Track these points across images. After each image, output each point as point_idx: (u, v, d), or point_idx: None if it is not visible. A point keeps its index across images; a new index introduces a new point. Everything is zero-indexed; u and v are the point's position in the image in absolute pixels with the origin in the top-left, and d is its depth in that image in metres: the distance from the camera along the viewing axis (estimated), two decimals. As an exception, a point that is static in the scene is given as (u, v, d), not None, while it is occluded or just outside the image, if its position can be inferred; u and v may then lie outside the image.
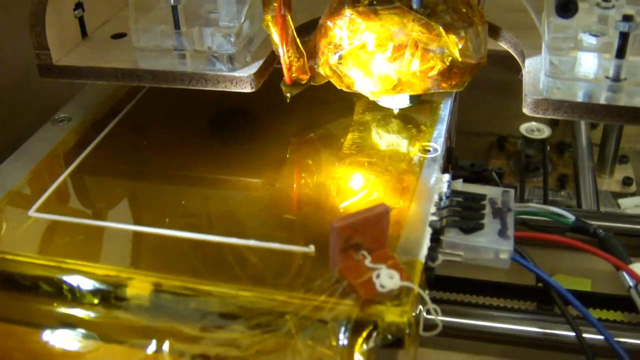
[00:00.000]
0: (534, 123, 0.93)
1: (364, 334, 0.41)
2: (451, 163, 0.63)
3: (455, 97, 0.64)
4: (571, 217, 0.55)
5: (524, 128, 0.93)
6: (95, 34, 0.64)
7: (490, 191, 0.51)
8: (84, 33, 0.63)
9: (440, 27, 0.53)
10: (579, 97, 0.51)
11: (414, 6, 0.54)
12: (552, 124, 0.95)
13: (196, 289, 0.45)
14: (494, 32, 0.62)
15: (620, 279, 0.50)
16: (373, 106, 0.62)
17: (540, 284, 0.57)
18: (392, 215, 0.46)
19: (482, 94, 0.67)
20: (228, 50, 0.55)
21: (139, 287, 0.46)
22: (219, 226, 0.51)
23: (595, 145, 0.95)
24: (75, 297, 0.47)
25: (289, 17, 0.53)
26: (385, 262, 0.43)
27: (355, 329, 0.41)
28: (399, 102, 0.61)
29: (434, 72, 0.55)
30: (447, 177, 0.53)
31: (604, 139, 0.95)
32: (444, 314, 0.47)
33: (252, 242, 0.48)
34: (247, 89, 0.55)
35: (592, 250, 0.50)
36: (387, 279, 0.42)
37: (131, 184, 0.57)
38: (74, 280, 0.47)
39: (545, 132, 0.93)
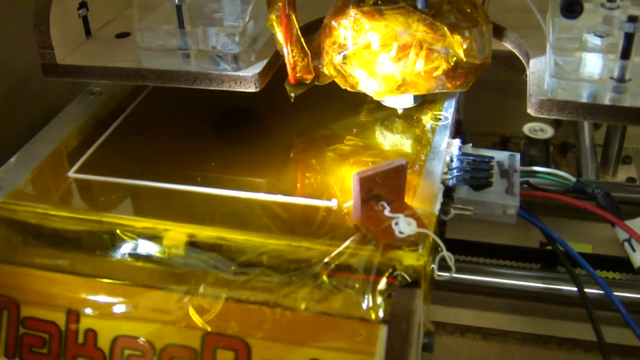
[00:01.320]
0: (537, 123, 0.93)
1: (385, 276, 0.45)
2: (460, 135, 0.65)
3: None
4: (572, 179, 0.58)
5: (527, 128, 0.93)
6: (99, 33, 0.64)
7: (498, 154, 0.56)
8: (88, 32, 0.63)
9: (445, 27, 0.53)
10: (584, 98, 0.51)
11: (419, 6, 0.54)
12: (555, 124, 0.95)
13: (228, 239, 0.49)
14: (499, 32, 0.62)
15: (618, 243, 0.54)
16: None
17: (546, 245, 0.60)
18: (408, 175, 0.49)
19: (485, 94, 0.68)
20: (232, 50, 0.55)
21: (174, 237, 0.50)
22: (248, 183, 0.55)
23: (599, 145, 0.95)
24: (115, 248, 0.51)
25: (293, 17, 0.53)
26: (403, 211, 0.47)
27: (376, 272, 0.45)
28: (403, 102, 0.61)
29: (439, 72, 0.55)
30: (457, 141, 0.57)
31: (607, 140, 0.95)
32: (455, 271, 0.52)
33: (279, 197, 0.53)
34: (252, 89, 0.55)
35: (590, 208, 0.54)
36: (405, 225, 0.46)
37: (163, 147, 0.61)
38: (113, 232, 0.51)
39: (549, 132, 0.92)
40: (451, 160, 0.55)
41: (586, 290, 0.53)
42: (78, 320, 0.51)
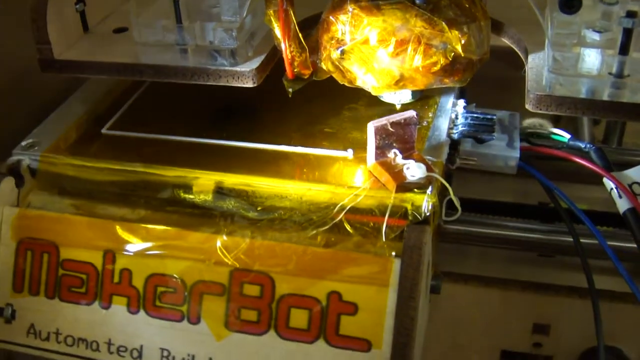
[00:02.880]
0: (536, 119, 0.93)
1: (397, 215, 0.50)
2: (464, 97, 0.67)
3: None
4: (567, 136, 0.62)
5: (526, 124, 0.93)
6: (96, 28, 0.64)
7: (499, 113, 0.62)
8: (85, 27, 0.63)
9: (443, 23, 0.53)
10: (582, 93, 0.51)
11: (417, 1, 0.54)
12: (555, 120, 0.95)
13: (253, 185, 0.54)
14: (497, 27, 0.62)
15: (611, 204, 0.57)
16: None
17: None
18: (417, 130, 0.54)
19: (484, 89, 0.68)
20: (230, 45, 0.55)
21: (204, 184, 0.55)
22: (271, 137, 0.59)
23: (598, 141, 0.95)
24: (149, 194, 0.56)
25: (291, 12, 0.53)
26: (414, 158, 0.52)
27: (389, 212, 0.50)
28: (401, 97, 0.61)
29: (437, 68, 0.54)
30: (462, 101, 0.61)
31: (607, 135, 0.95)
32: (459, 223, 0.62)
33: (299, 149, 0.58)
34: (249, 84, 0.55)
35: (582, 162, 0.57)
36: (416, 169, 0.50)
37: (189, 106, 0.64)
38: (147, 180, 0.56)
39: (548, 128, 0.92)
40: (456, 117, 0.60)
41: (581, 240, 0.58)
42: (114, 261, 0.55)
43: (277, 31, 0.54)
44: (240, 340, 0.52)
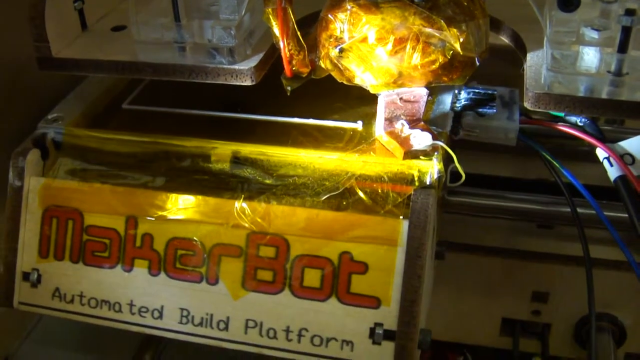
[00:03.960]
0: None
1: (405, 180, 0.54)
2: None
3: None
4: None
5: None
6: (95, 26, 0.64)
7: (500, 89, 0.66)
8: (83, 25, 0.63)
9: (442, 21, 0.53)
10: (581, 92, 0.51)
11: (415, -1, 0.54)
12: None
13: (268, 154, 0.57)
14: (496, 25, 0.62)
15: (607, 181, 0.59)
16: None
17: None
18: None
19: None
20: (228, 43, 0.55)
21: (221, 154, 0.58)
22: (284, 109, 0.62)
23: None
24: (170, 163, 0.59)
25: (289, 10, 0.53)
26: (420, 128, 0.55)
27: (397, 178, 0.54)
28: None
29: (435, 66, 0.54)
30: None
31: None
32: (462, 195, 0.67)
33: (311, 121, 0.61)
34: (248, 82, 0.55)
35: (576, 133, 0.59)
36: (422, 137, 0.54)
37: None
38: (168, 150, 0.59)
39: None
40: (459, 92, 0.64)
41: (578, 210, 0.61)
42: (136, 226, 0.58)
43: (276, 29, 0.54)
44: (256, 299, 0.55)
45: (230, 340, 0.56)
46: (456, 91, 0.63)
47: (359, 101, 0.62)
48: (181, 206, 0.57)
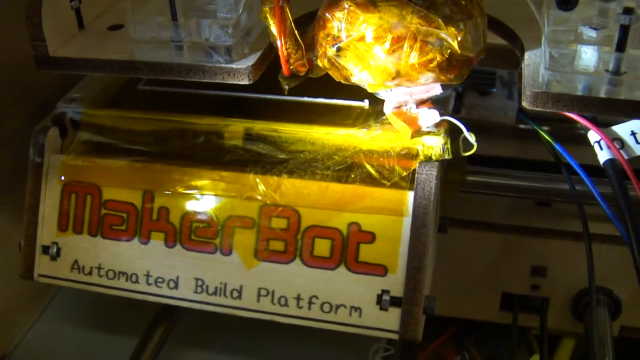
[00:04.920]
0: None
1: (411, 154, 0.57)
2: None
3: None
4: None
5: None
6: (92, 25, 0.64)
7: (499, 71, 0.69)
8: (80, 24, 0.63)
9: (440, 19, 0.53)
10: (579, 91, 0.51)
11: (413, -2, 0.54)
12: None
13: (279, 130, 0.60)
14: (494, 24, 0.62)
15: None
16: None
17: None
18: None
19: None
20: (225, 42, 0.55)
21: (234, 130, 0.61)
22: (295, 90, 0.61)
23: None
24: (184, 139, 0.62)
25: (287, 9, 0.53)
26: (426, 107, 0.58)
27: (404, 152, 0.57)
28: (397, 94, 0.61)
29: (433, 65, 0.54)
30: None
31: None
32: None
33: (320, 100, 0.63)
34: (245, 81, 0.55)
35: (570, 116, 0.58)
36: (429, 115, 0.57)
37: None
38: (182, 128, 0.62)
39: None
40: None
41: (576, 187, 0.63)
42: (152, 200, 0.60)
43: (273, 28, 0.54)
44: (268, 268, 0.58)
45: (243, 308, 0.58)
46: None
47: None
48: (196, 180, 0.59)
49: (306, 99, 0.64)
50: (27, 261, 0.63)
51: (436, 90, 0.57)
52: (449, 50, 0.54)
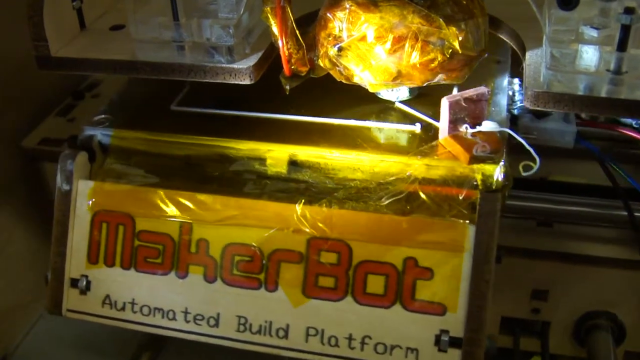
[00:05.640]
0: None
1: (471, 184, 0.53)
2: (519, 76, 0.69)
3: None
4: None
5: None
6: (93, 25, 0.64)
7: None
8: (82, 24, 0.63)
9: (441, 19, 0.53)
10: (580, 90, 0.51)
11: (414, -2, 0.54)
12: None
13: (326, 157, 0.56)
14: (495, 24, 0.62)
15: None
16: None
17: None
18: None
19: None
20: (227, 42, 0.55)
21: (277, 157, 0.57)
22: (341, 112, 0.61)
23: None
24: (224, 166, 0.58)
25: (288, 9, 0.53)
26: (483, 135, 0.55)
27: (462, 182, 0.53)
28: (398, 94, 0.61)
29: (434, 65, 0.54)
30: (517, 80, 0.65)
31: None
32: (514, 198, 0.65)
33: (368, 123, 0.59)
34: (246, 81, 0.55)
35: (632, 134, 0.62)
36: (484, 145, 0.53)
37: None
38: (222, 153, 0.58)
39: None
40: (514, 95, 0.64)
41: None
42: (191, 232, 0.56)
43: (274, 28, 0.54)
44: (317, 306, 0.54)
45: (290, 348, 0.55)
46: (510, 92, 0.63)
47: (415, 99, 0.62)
48: (237, 211, 0.55)
49: (353, 122, 0.59)
50: (54, 295, 0.59)
51: (482, 90, 0.55)
52: (450, 50, 0.54)
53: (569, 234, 0.68)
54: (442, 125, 0.55)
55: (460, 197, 0.53)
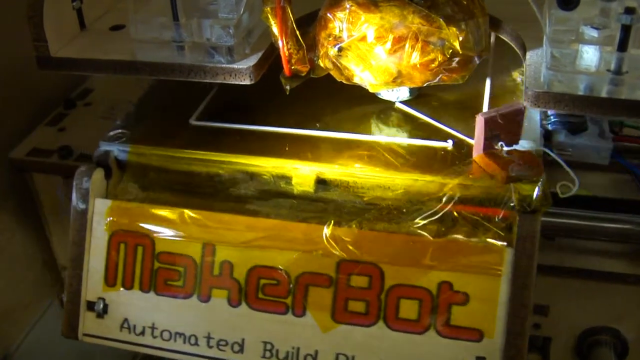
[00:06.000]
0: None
1: (507, 205, 0.51)
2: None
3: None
4: None
5: None
6: (93, 25, 0.64)
7: None
8: (82, 25, 0.63)
9: (441, 19, 0.53)
10: (580, 90, 0.51)
11: (415, -2, 0.54)
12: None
13: (355, 175, 0.53)
14: (495, 24, 0.62)
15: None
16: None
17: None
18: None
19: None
20: (227, 42, 0.55)
21: (304, 175, 0.54)
22: (367, 127, 0.58)
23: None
24: (248, 185, 0.56)
25: (288, 9, 0.53)
26: (519, 153, 0.53)
27: (499, 202, 0.51)
28: (399, 94, 0.61)
29: (435, 65, 0.54)
30: None
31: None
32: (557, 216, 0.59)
33: (398, 139, 0.57)
34: (246, 81, 0.55)
35: None
36: (521, 163, 0.52)
37: (271, 96, 0.61)
38: (246, 171, 0.55)
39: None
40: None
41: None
42: (214, 253, 0.54)
43: (275, 28, 0.54)
44: (347, 331, 0.52)
45: None
46: None
47: (445, 113, 0.59)
48: (263, 232, 0.53)
49: (382, 138, 0.57)
50: (70, 319, 0.57)
51: (518, 106, 0.53)
52: (451, 50, 0.54)
53: (570, 248, 0.66)
54: (477, 142, 0.54)
55: (497, 218, 0.51)
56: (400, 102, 0.62)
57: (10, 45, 0.63)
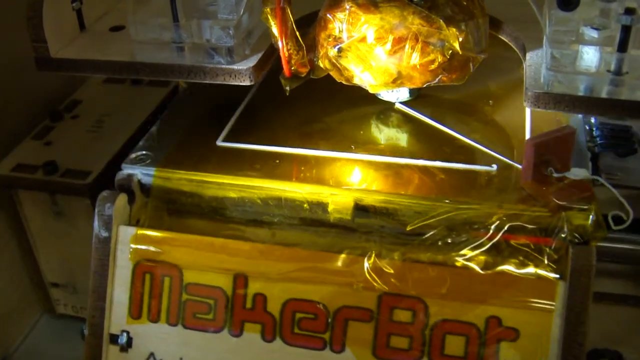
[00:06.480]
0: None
1: (560, 235, 0.48)
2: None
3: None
4: None
5: None
6: (93, 26, 0.64)
7: (634, 123, 0.60)
8: (82, 26, 0.63)
9: (441, 20, 0.53)
10: (580, 91, 0.51)
11: (414, -1, 0.54)
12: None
13: (395, 202, 0.50)
14: (495, 25, 0.62)
15: None
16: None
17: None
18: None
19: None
20: (227, 43, 0.55)
21: (342, 202, 0.51)
22: (407, 150, 0.55)
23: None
24: (282, 212, 0.52)
25: (288, 10, 0.53)
26: (570, 179, 0.50)
27: (550, 232, 0.48)
28: (399, 95, 0.61)
29: (434, 66, 0.54)
30: None
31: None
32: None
33: (438, 163, 0.54)
34: (246, 82, 0.55)
35: None
36: (572, 190, 0.49)
37: (302, 114, 0.59)
38: (279, 198, 0.52)
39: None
40: (591, 129, 0.58)
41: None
42: (246, 285, 0.51)
43: (274, 29, 0.54)
44: None
45: None
46: (587, 127, 0.59)
47: (485, 133, 0.56)
48: (300, 263, 0.51)
49: (421, 161, 0.54)
50: (91, 352, 0.54)
51: (570, 130, 0.50)
52: (451, 51, 0.54)
53: None
54: (526, 168, 0.51)
55: (548, 249, 0.48)
56: (400, 102, 0.62)
57: (18, 42, 0.62)
